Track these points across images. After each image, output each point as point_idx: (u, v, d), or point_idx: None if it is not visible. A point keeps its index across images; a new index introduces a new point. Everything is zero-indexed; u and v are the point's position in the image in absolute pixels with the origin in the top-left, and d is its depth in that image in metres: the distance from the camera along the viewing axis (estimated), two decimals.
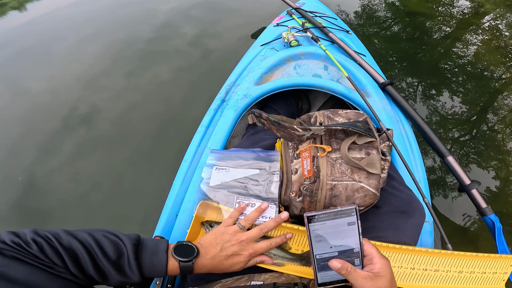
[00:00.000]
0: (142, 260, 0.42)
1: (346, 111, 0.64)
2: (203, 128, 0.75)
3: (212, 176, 0.60)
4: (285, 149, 0.65)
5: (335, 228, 0.41)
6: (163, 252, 0.44)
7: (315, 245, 0.42)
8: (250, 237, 0.49)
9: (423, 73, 1.56)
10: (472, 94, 1.45)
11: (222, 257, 0.47)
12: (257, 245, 0.49)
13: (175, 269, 0.44)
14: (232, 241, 0.48)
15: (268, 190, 0.57)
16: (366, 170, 0.54)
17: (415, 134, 0.82)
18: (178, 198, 0.69)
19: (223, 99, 0.82)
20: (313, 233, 0.42)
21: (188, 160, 0.71)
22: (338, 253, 0.43)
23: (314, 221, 0.41)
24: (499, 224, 0.85)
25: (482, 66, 1.53)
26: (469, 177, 0.78)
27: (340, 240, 0.42)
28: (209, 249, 0.47)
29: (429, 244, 0.70)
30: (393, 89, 0.87)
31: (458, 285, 0.53)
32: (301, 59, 0.96)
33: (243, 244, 0.48)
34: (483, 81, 1.49)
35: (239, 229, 0.50)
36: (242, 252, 0.48)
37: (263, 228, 0.51)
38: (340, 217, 0.41)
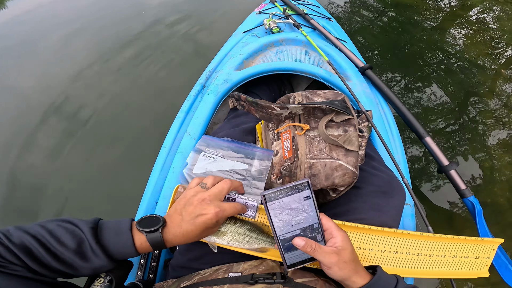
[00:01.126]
0: (105, 242, 0.39)
1: (325, 91, 0.64)
2: (182, 113, 0.73)
3: (198, 162, 0.58)
4: (266, 131, 0.64)
5: (292, 204, 0.41)
6: (127, 230, 0.41)
7: (276, 225, 0.42)
8: (213, 193, 0.44)
9: (409, 65, 1.58)
10: (458, 86, 1.47)
11: (188, 222, 0.42)
12: (224, 204, 0.45)
13: (144, 244, 0.41)
14: (194, 202, 0.43)
15: (254, 185, 0.55)
16: (344, 148, 0.54)
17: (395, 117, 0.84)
18: (158, 185, 0.68)
19: (203, 84, 0.81)
20: (272, 213, 0.41)
21: (167, 146, 0.69)
22: (300, 231, 0.42)
23: (272, 200, 0.41)
24: (479, 206, 0.87)
25: (469, 58, 1.56)
26: (448, 158, 0.80)
27: (300, 217, 0.42)
28: (174, 217, 0.43)
29: (411, 227, 0.70)
30: (372, 73, 0.88)
31: (441, 270, 0.53)
32: (283, 45, 0.96)
33: (206, 202, 0.43)
34: (469, 72, 1.51)
35: (200, 188, 0.45)
36: (206, 211, 0.42)
37: (226, 182, 0.46)
38: (295, 192, 0.41)
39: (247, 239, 0.50)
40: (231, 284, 0.41)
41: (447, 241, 0.52)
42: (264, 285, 0.40)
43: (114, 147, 1.31)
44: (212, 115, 0.73)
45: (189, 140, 0.68)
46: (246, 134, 0.68)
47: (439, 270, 0.53)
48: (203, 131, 0.71)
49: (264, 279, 0.41)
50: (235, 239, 0.50)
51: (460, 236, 0.52)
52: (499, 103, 1.40)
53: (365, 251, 0.51)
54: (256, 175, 0.57)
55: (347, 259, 0.40)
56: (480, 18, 1.86)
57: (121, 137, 1.34)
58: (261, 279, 0.41)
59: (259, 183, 0.56)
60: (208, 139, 0.63)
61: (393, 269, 0.52)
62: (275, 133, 0.61)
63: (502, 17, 1.82)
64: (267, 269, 0.46)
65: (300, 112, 0.59)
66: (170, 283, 0.51)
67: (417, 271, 0.53)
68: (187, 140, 0.68)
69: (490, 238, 0.54)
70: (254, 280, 0.41)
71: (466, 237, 0.52)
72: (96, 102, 1.48)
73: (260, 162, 0.58)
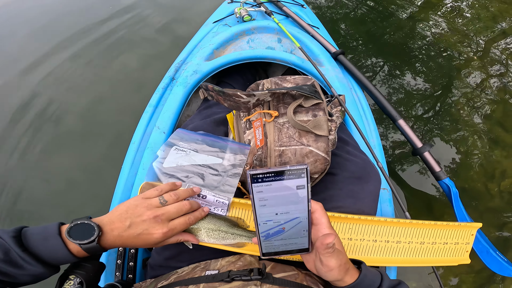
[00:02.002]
0: (34, 249, 0.37)
1: (294, 77, 0.63)
2: (151, 107, 0.70)
3: (169, 156, 0.56)
4: (237, 121, 0.63)
5: (282, 191, 0.35)
6: (55, 235, 0.38)
7: (259, 210, 0.37)
8: (167, 212, 0.42)
9: (389, 54, 1.59)
10: (435, 73, 1.49)
11: (131, 235, 0.40)
12: (174, 222, 0.43)
13: (81, 251, 0.38)
14: (144, 216, 0.40)
15: (226, 182, 0.52)
16: (313, 133, 0.53)
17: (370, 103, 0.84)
18: (128, 182, 0.65)
19: (172, 77, 0.78)
20: (257, 196, 0.36)
21: (136, 142, 0.67)
22: (284, 222, 0.38)
23: (259, 181, 0.35)
24: (454, 189, 0.88)
25: (445, 45, 1.59)
26: (421, 140, 0.81)
27: (287, 207, 0.37)
28: (116, 224, 0.40)
29: (390, 213, 0.69)
30: (344, 58, 0.87)
31: (421, 258, 0.52)
32: (254, 34, 0.94)
33: (157, 221, 0.41)
34: (445, 60, 1.54)
35: (158, 203, 0.42)
36: (154, 231, 0.40)
37: (185, 204, 0.44)
38: (288, 178, 0.35)
39: (222, 235, 0.48)
40: (207, 283, 0.40)
41: (425, 227, 0.51)
42: (241, 282, 0.39)
43: (96, 145, 1.26)
44: (183, 107, 0.71)
45: (158, 135, 0.66)
46: (218, 124, 0.66)
47: (419, 258, 0.52)
48: (173, 124, 0.68)
49: (240, 276, 0.39)
50: (209, 236, 0.48)
51: (437, 221, 0.51)
52: (474, 89, 1.43)
53: (344, 241, 0.50)
54: (230, 171, 0.55)
55: (345, 261, 0.38)
56: (455, 6, 1.89)
57: (101, 134, 1.29)
58: (238, 276, 0.40)
59: (233, 180, 0.54)
60: (181, 132, 0.60)
61: (373, 258, 0.51)
62: (247, 122, 0.59)
63: (475, 5, 1.86)
64: (245, 265, 0.44)
65: (269, 99, 0.58)
66: (148, 283, 0.49)
67: (397, 260, 0.52)
68: (156, 135, 0.65)
69: (468, 222, 0.53)
70: (231, 278, 0.40)
71: (444, 222, 0.51)
72: (70, 99, 1.42)
73: (235, 157, 0.56)
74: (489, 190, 1.17)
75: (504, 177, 1.20)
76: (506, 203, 1.14)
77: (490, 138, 1.28)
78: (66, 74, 1.54)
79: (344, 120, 0.74)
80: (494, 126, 1.31)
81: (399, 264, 0.52)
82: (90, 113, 1.37)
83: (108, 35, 1.71)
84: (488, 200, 1.15)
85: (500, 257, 0.84)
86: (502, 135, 1.29)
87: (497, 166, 1.22)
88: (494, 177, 1.20)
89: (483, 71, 1.49)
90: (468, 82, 1.46)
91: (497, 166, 1.22)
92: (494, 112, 1.35)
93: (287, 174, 0.34)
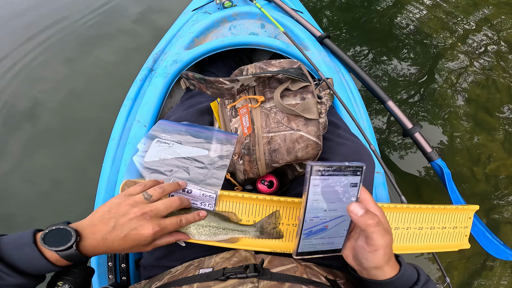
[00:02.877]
0: (9, 259, 0.34)
1: (280, 61, 0.60)
2: (129, 101, 0.66)
3: (150, 149, 0.52)
4: (222, 109, 0.59)
5: (337, 187, 0.35)
6: (30, 244, 0.35)
7: (310, 205, 0.35)
8: (156, 209, 0.38)
9: (374, 40, 1.58)
10: (419, 59, 1.50)
11: (116, 236, 0.36)
12: (165, 221, 0.39)
13: (61, 259, 0.36)
14: (130, 214, 0.37)
15: (213, 174, 0.49)
16: (303, 117, 0.51)
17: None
18: (111, 181, 0.62)
19: (151, 68, 0.73)
20: (312, 189, 0.34)
21: (116, 137, 0.63)
22: (329, 219, 0.36)
23: (317, 174, 0.34)
24: (447, 169, 0.87)
25: (427, 32, 1.59)
26: (411, 121, 0.79)
27: (336, 204, 0.35)
28: (98, 227, 0.37)
29: (385, 197, 0.68)
30: (330, 42, 0.85)
31: (421, 244, 0.51)
32: (236, 20, 0.90)
33: (145, 218, 0.37)
34: (429, 46, 1.54)
35: (143, 199, 0.39)
36: (142, 230, 0.37)
37: (176, 201, 0.41)
38: (345, 174, 0.34)
39: (214, 231, 0.46)
40: (201, 283, 0.37)
41: (422, 211, 0.50)
42: (237, 280, 0.36)
43: (77, 142, 1.21)
44: (164, 99, 0.67)
45: (139, 128, 0.62)
46: (202, 114, 0.62)
47: (418, 244, 0.51)
48: (155, 117, 0.65)
49: (236, 273, 0.37)
50: (199, 232, 0.45)
51: (434, 205, 0.50)
52: (457, 75, 1.44)
53: None
54: (217, 162, 0.52)
55: (391, 245, 0.35)
56: None
57: (82, 130, 1.24)
58: (233, 274, 0.37)
59: (219, 172, 0.51)
60: (164, 124, 0.57)
61: None
62: (233, 109, 0.56)
63: None
64: (240, 261, 0.42)
65: (254, 84, 0.54)
66: (142, 284, 0.47)
67: (397, 247, 0.50)
68: (137, 129, 0.61)
69: (465, 205, 0.52)
70: (226, 276, 0.37)
71: (441, 206, 0.50)
72: (45, 96, 1.35)
73: (221, 147, 0.53)
74: (475, 175, 1.18)
75: (490, 161, 1.20)
76: (492, 187, 1.15)
77: (475, 123, 1.29)
78: (38, 69, 1.47)
79: (334, 104, 0.72)
80: (479, 111, 1.32)
81: (400, 251, 0.50)
82: (68, 109, 1.31)
83: (82, 29, 1.63)
84: (474, 185, 1.16)
85: (497, 240, 0.84)
86: (486, 119, 1.30)
87: (482, 150, 1.23)
88: (480, 161, 1.21)
89: (466, 56, 1.50)
90: (451, 67, 1.47)
91: (482, 150, 1.23)
92: (478, 97, 1.36)
93: (345, 170, 0.34)
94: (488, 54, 1.50)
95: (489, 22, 1.63)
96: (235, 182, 0.60)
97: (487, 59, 1.48)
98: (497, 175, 1.18)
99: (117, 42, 1.55)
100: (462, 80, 1.42)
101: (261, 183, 0.59)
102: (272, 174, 0.61)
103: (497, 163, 1.20)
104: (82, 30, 1.62)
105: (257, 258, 0.43)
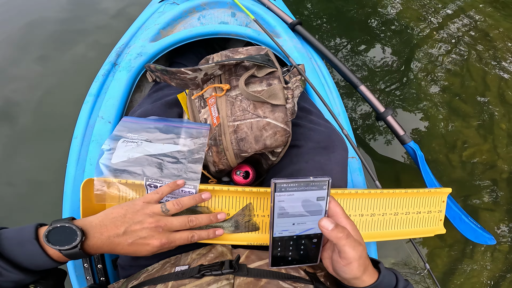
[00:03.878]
0: (9, 254, 0.34)
1: (247, 48, 0.58)
2: (91, 97, 0.63)
3: (117, 149, 0.48)
4: (191, 100, 0.57)
5: (302, 202, 0.35)
6: (31, 239, 0.35)
7: (277, 220, 0.36)
8: (171, 224, 0.39)
9: (354, 31, 1.59)
10: (398, 48, 1.51)
11: (125, 241, 0.37)
12: (175, 235, 0.39)
13: (62, 257, 0.35)
14: (145, 223, 0.37)
15: (189, 169, 0.47)
16: (269, 103, 0.49)
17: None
18: (77, 181, 0.59)
19: (114, 62, 0.70)
20: (278, 205, 0.35)
21: (79, 136, 0.60)
22: (298, 232, 0.37)
23: (282, 191, 0.34)
24: (420, 152, 0.87)
25: (404, 22, 1.60)
26: (383, 105, 0.79)
27: (306, 217, 0.36)
28: (108, 228, 0.37)
29: (361, 183, 0.67)
30: (302, 28, 0.83)
31: (397, 230, 0.50)
32: (206, 9, 0.87)
33: (158, 230, 0.38)
34: (406, 35, 1.56)
35: (161, 211, 0.39)
36: (151, 241, 0.37)
37: (192, 220, 0.41)
38: (310, 189, 0.35)
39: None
40: (176, 281, 0.36)
41: (396, 196, 0.49)
42: (212, 277, 0.35)
43: (56, 141, 1.16)
44: (129, 93, 0.64)
45: (103, 125, 0.59)
46: (170, 107, 0.60)
47: (395, 230, 0.50)
48: (120, 112, 0.62)
49: (211, 270, 0.36)
50: None
51: (408, 189, 0.49)
52: (434, 64, 1.46)
53: None
54: (191, 157, 0.50)
55: (365, 255, 0.35)
56: None
57: (60, 129, 1.19)
58: (208, 271, 0.36)
59: (195, 165, 0.48)
60: (129, 121, 0.53)
61: None
62: (201, 100, 0.54)
63: None
64: (217, 257, 0.41)
65: (219, 72, 0.52)
66: (120, 283, 0.45)
67: (374, 234, 0.50)
68: (101, 125, 0.59)
69: (438, 188, 0.52)
70: (201, 274, 0.36)
71: (414, 189, 0.50)
72: (21, 95, 1.29)
73: (194, 141, 0.50)
74: (451, 161, 1.19)
75: (465, 148, 1.22)
76: (468, 174, 1.16)
77: (450, 110, 1.31)
78: (12, 68, 1.40)
79: (306, 90, 0.71)
80: (454, 99, 1.34)
81: (377, 239, 0.50)
82: (45, 108, 1.26)
83: (57, 25, 1.56)
84: (451, 172, 1.17)
85: (474, 224, 0.84)
86: (461, 106, 1.32)
87: (458, 137, 1.24)
88: (455, 147, 1.22)
89: (442, 45, 1.52)
90: (428, 56, 1.48)
91: (458, 137, 1.24)
92: (453, 85, 1.38)
93: (310, 185, 0.34)
94: (463, 43, 1.53)
95: (465, 12, 1.65)
96: (209, 175, 0.59)
97: (462, 48, 1.51)
98: (472, 160, 1.20)
99: (93, 37, 1.49)
100: (438, 69, 1.44)
101: (237, 174, 0.58)
102: (248, 164, 0.60)
103: (472, 149, 1.22)
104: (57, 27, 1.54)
105: (234, 253, 0.42)
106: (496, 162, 1.19)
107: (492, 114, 1.30)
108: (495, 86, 1.38)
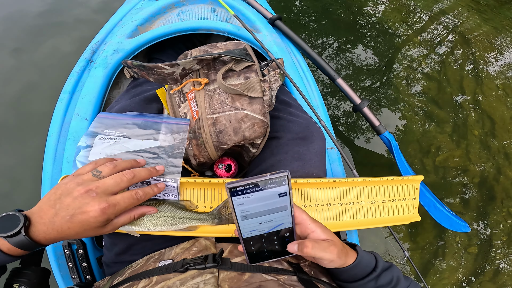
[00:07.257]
0: None
1: (226, 43, 0.58)
2: (66, 94, 0.61)
3: (94, 147, 0.48)
4: (170, 95, 0.57)
5: (264, 201, 0.34)
6: None
7: (242, 224, 0.35)
8: (103, 185, 0.35)
9: (341, 30, 1.60)
10: (382, 47, 1.54)
11: (63, 218, 0.33)
12: (115, 197, 0.35)
13: (13, 248, 0.33)
14: (74, 192, 0.33)
15: (169, 163, 0.46)
16: (247, 96, 0.50)
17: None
18: (54, 179, 0.57)
19: (89, 59, 0.68)
20: (238, 209, 0.33)
21: (54, 134, 0.58)
22: (268, 229, 0.36)
23: (239, 194, 0.33)
24: (394, 141, 0.91)
25: (388, 23, 1.63)
26: (360, 97, 0.81)
27: (271, 215, 0.35)
28: (45, 210, 0.34)
29: (340, 173, 0.69)
30: (282, 24, 0.84)
31: (375, 218, 0.52)
32: (185, 5, 0.86)
33: (90, 195, 0.33)
34: (389, 37, 1.59)
35: (91, 176, 0.35)
36: (88, 208, 0.33)
37: (128, 174, 0.37)
38: (270, 187, 0.33)
39: (169, 221, 0.44)
40: (161, 275, 0.36)
41: (372, 184, 0.51)
42: (196, 271, 0.35)
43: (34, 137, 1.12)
44: (106, 90, 0.63)
45: (79, 122, 0.58)
46: (149, 102, 0.59)
47: (372, 218, 0.52)
48: (97, 109, 0.61)
49: (194, 264, 0.36)
50: (155, 223, 0.43)
51: (383, 177, 0.51)
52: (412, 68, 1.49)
53: None
54: (172, 151, 0.49)
55: (341, 246, 0.36)
56: None
57: (38, 125, 1.15)
58: (192, 266, 0.36)
59: (176, 160, 0.48)
60: (105, 117, 0.52)
61: (331, 223, 0.49)
62: (181, 95, 0.54)
63: None
64: (201, 250, 0.41)
65: (197, 67, 0.53)
66: (105, 281, 0.45)
67: (353, 223, 0.51)
68: (77, 123, 0.57)
69: (411, 176, 0.54)
70: (185, 268, 0.36)
71: (388, 177, 0.52)
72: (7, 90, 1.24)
73: (174, 136, 0.50)
74: (425, 166, 1.22)
75: (439, 153, 1.25)
76: (441, 178, 1.19)
77: (425, 115, 1.33)
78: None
79: (286, 84, 0.72)
80: (429, 103, 1.37)
81: (356, 227, 0.51)
82: (22, 103, 1.20)
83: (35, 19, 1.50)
84: (424, 176, 1.20)
85: (448, 212, 0.88)
86: (436, 112, 1.34)
87: (432, 142, 1.27)
88: (429, 152, 1.24)
89: (422, 48, 1.55)
90: (407, 59, 1.51)
91: (432, 142, 1.27)
92: (430, 90, 1.40)
93: (268, 183, 0.33)
94: (442, 46, 1.56)
95: (446, 15, 1.68)
96: (191, 169, 0.59)
97: (441, 52, 1.54)
98: (445, 166, 1.22)
99: (74, 32, 1.43)
100: (416, 72, 1.47)
101: (219, 168, 0.58)
102: (230, 157, 0.60)
103: (445, 154, 1.25)
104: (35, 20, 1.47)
105: (217, 247, 0.42)
106: (468, 166, 1.23)
107: (466, 120, 1.33)
108: (470, 91, 1.41)
